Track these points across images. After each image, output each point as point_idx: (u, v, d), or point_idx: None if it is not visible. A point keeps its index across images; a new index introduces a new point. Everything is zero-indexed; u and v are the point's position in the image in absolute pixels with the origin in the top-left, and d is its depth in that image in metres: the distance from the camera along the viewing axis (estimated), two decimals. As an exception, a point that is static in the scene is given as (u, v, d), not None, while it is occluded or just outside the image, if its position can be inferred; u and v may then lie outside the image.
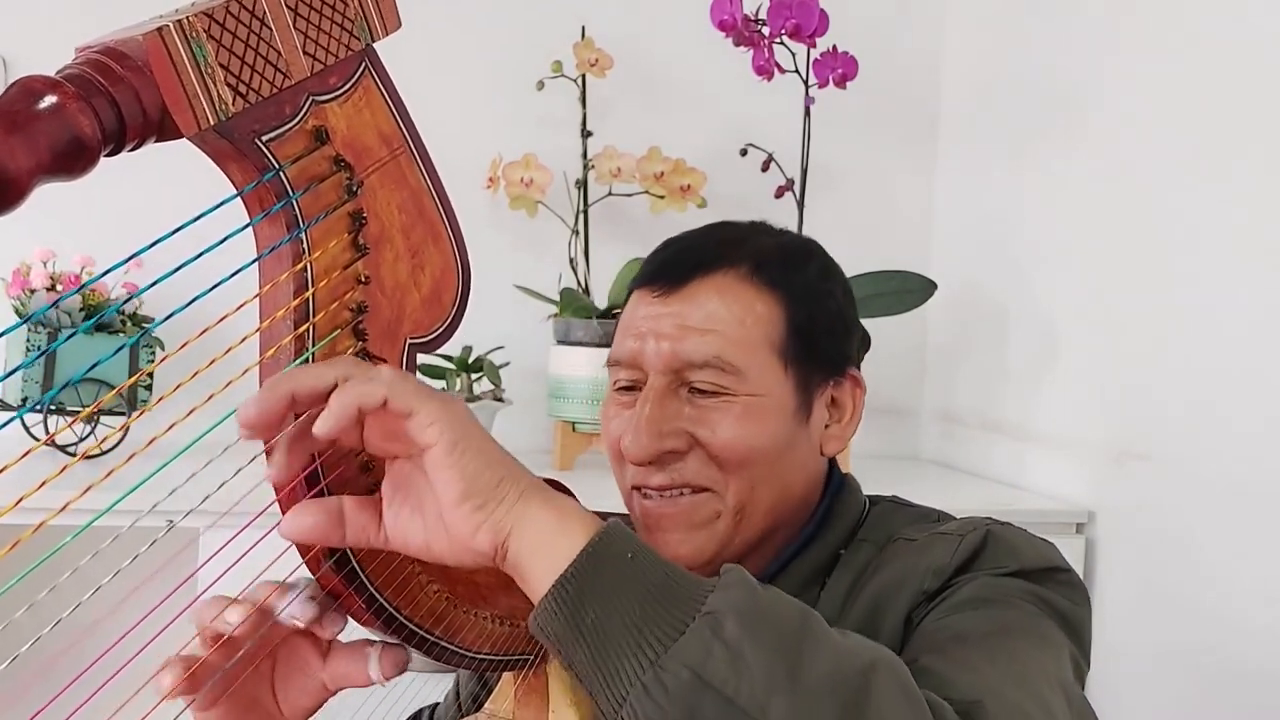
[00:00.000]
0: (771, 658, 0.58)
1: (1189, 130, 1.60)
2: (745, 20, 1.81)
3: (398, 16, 0.67)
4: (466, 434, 0.61)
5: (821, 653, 0.60)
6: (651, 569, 0.61)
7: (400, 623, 0.70)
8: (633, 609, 0.59)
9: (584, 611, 0.60)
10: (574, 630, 0.60)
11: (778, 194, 1.95)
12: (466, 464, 0.61)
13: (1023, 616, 0.80)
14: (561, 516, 0.63)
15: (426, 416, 0.60)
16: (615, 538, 0.62)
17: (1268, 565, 1.42)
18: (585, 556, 0.61)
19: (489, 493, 0.62)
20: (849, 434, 0.97)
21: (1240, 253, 1.50)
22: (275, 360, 0.65)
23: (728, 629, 0.58)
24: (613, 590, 0.60)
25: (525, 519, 0.62)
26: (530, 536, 0.62)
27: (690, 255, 0.93)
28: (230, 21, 0.58)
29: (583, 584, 0.60)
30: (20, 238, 1.85)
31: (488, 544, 0.62)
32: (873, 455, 2.17)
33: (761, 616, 0.60)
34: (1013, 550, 0.86)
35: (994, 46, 2.17)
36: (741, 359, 0.89)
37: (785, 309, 0.91)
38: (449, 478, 0.61)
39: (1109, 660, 1.66)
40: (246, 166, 0.61)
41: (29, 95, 0.51)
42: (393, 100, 0.68)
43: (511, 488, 0.63)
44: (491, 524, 0.61)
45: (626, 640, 0.59)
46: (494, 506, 0.62)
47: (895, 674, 0.61)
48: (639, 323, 0.92)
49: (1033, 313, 1.98)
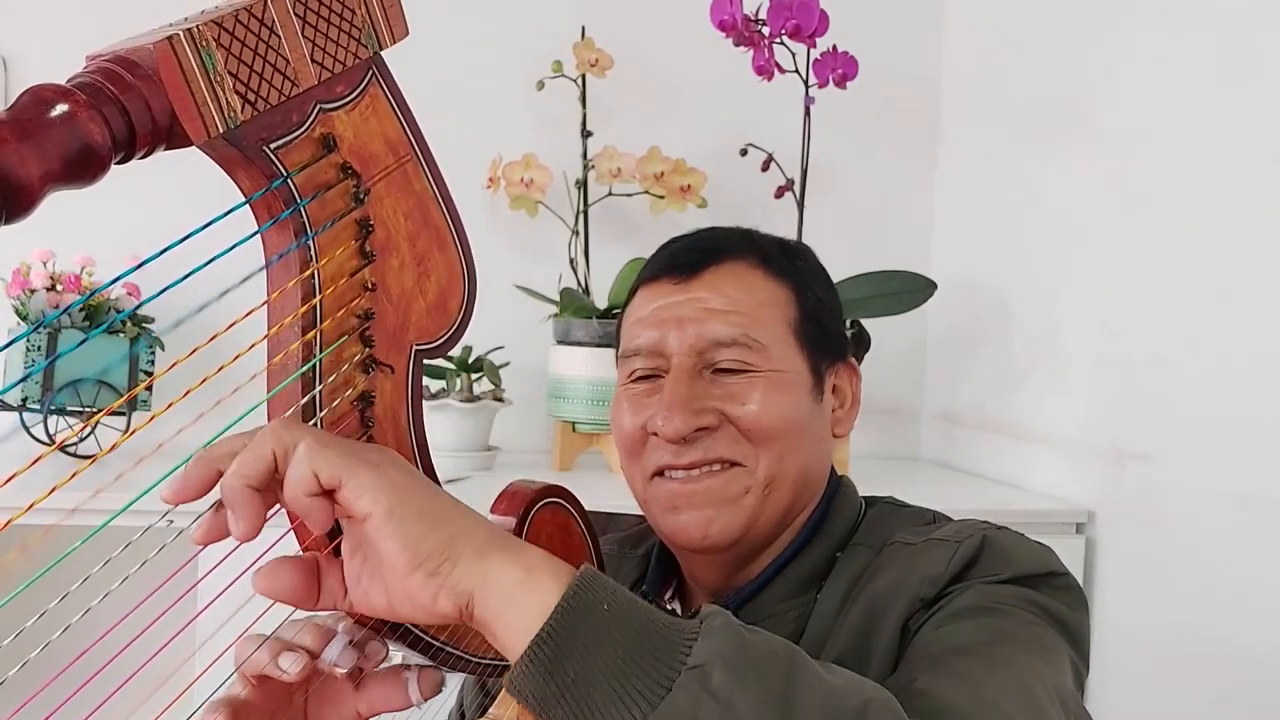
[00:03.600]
0: (761, 706, 0.57)
1: (1189, 131, 1.61)
2: (745, 20, 1.81)
3: (405, 25, 0.67)
4: (402, 498, 0.58)
5: (812, 696, 0.59)
6: (630, 617, 0.59)
7: (404, 629, 0.71)
8: (615, 663, 0.57)
9: (564, 669, 0.57)
10: (555, 689, 0.57)
11: (778, 194, 1.95)
12: (408, 530, 0.58)
13: (1020, 624, 0.80)
14: (527, 570, 0.60)
15: (355, 488, 0.57)
16: (589, 587, 0.59)
17: (1267, 565, 1.43)
18: (561, 613, 0.58)
19: (440, 556, 0.58)
20: (851, 418, 1.00)
21: (1240, 252, 1.50)
22: (283, 366, 0.65)
23: (715, 680, 0.57)
24: (593, 644, 0.57)
25: (487, 578, 0.59)
26: (495, 596, 0.59)
27: (702, 245, 0.96)
28: (239, 30, 0.58)
29: (560, 641, 0.57)
30: (20, 238, 1.85)
31: (450, 607, 0.59)
32: (872, 455, 2.18)
33: (748, 663, 0.58)
34: (1009, 557, 0.85)
35: (994, 46, 2.17)
36: (765, 335, 0.92)
37: (795, 294, 0.95)
38: (393, 548, 0.58)
39: (1109, 660, 1.66)
40: (254, 174, 0.61)
41: (40, 104, 0.51)
42: (400, 108, 0.68)
43: (465, 545, 0.59)
44: (449, 588, 0.58)
45: (611, 698, 0.56)
46: (449, 569, 0.58)
47: (889, 713, 0.61)
48: (657, 312, 0.94)
49: (1033, 313, 1.98)
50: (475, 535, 0.60)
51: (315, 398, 0.65)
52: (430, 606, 0.59)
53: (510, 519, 0.79)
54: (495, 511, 0.81)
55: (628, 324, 0.97)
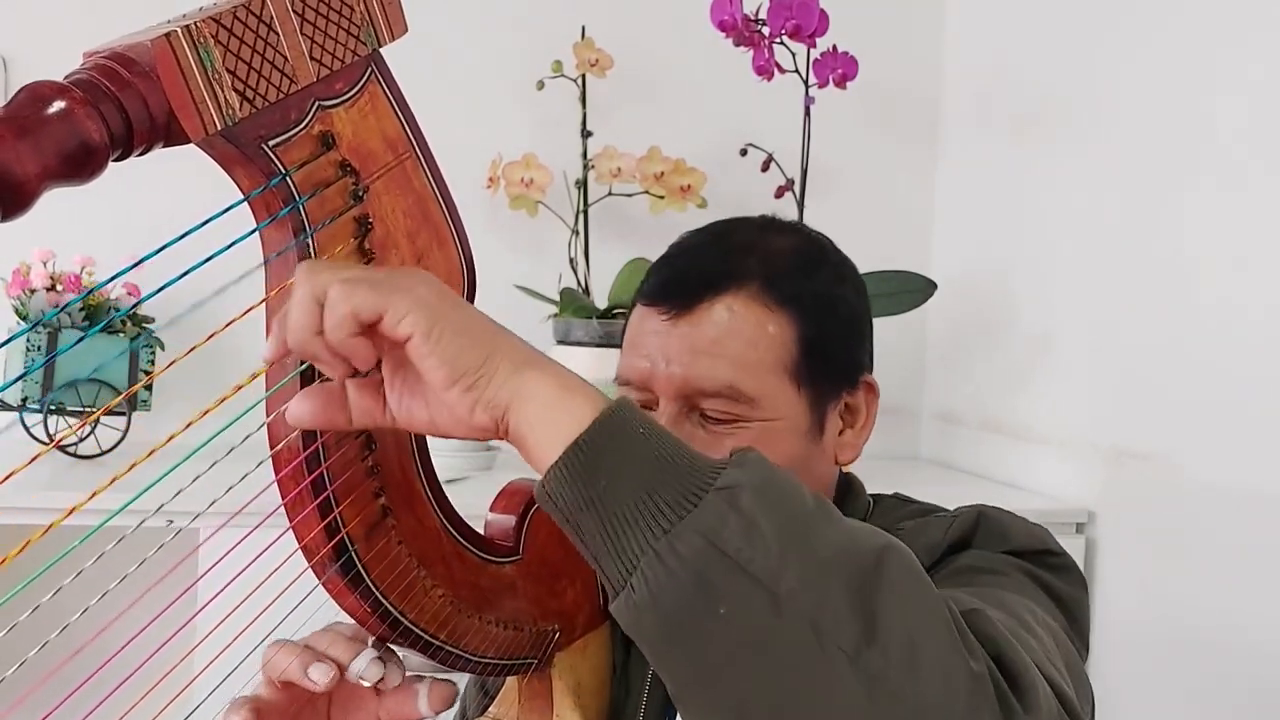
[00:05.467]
0: (786, 531, 0.57)
1: (1189, 130, 1.60)
2: (745, 20, 1.81)
3: (404, 22, 0.67)
4: (439, 318, 0.59)
5: (835, 530, 0.59)
6: (664, 441, 0.60)
7: (405, 627, 0.71)
8: (646, 478, 0.58)
9: (595, 479, 0.58)
10: (584, 498, 0.58)
11: (778, 194, 1.94)
12: (445, 347, 0.59)
13: (1017, 586, 0.79)
14: (563, 387, 0.61)
15: (395, 314, 0.58)
16: (625, 409, 0.60)
17: (1268, 564, 1.43)
18: (597, 426, 0.59)
19: (476, 371, 0.60)
20: (862, 440, 0.96)
21: (1240, 251, 1.50)
22: (280, 365, 0.65)
23: (743, 501, 0.57)
24: (625, 459, 0.58)
25: (523, 392, 0.60)
26: (531, 409, 0.60)
27: (698, 274, 0.91)
28: (237, 27, 0.58)
29: (594, 452, 0.58)
30: (20, 238, 1.85)
31: (486, 421, 0.60)
32: (872, 455, 2.14)
33: (777, 493, 0.59)
34: (1005, 531, 0.86)
35: (994, 46, 2.17)
36: (754, 386, 0.87)
37: (797, 326, 0.89)
38: (431, 365, 0.59)
39: (1110, 659, 1.66)
40: (253, 171, 0.61)
41: (37, 101, 0.51)
42: (399, 105, 0.68)
43: (502, 360, 0.60)
44: (485, 402, 0.60)
45: (639, 508, 0.57)
46: (484, 384, 0.60)
47: (906, 557, 0.61)
48: (647, 340, 0.90)
49: (1033, 312, 1.98)
50: (512, 352, 0.61)
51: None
52: (468, 420, 0.60)
53: (510, 517, 0.79)
54: (495, 510, 0.81)
55: (626, 339, 0.93)
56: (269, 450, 0.66)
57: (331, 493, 0.66)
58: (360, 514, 0.68)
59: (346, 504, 0.67)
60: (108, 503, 0.58)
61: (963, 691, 0.57)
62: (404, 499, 0.70)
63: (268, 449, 0.66)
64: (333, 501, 0.66)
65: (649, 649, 0.59)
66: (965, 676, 0.57)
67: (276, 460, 0.66)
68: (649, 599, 0.57)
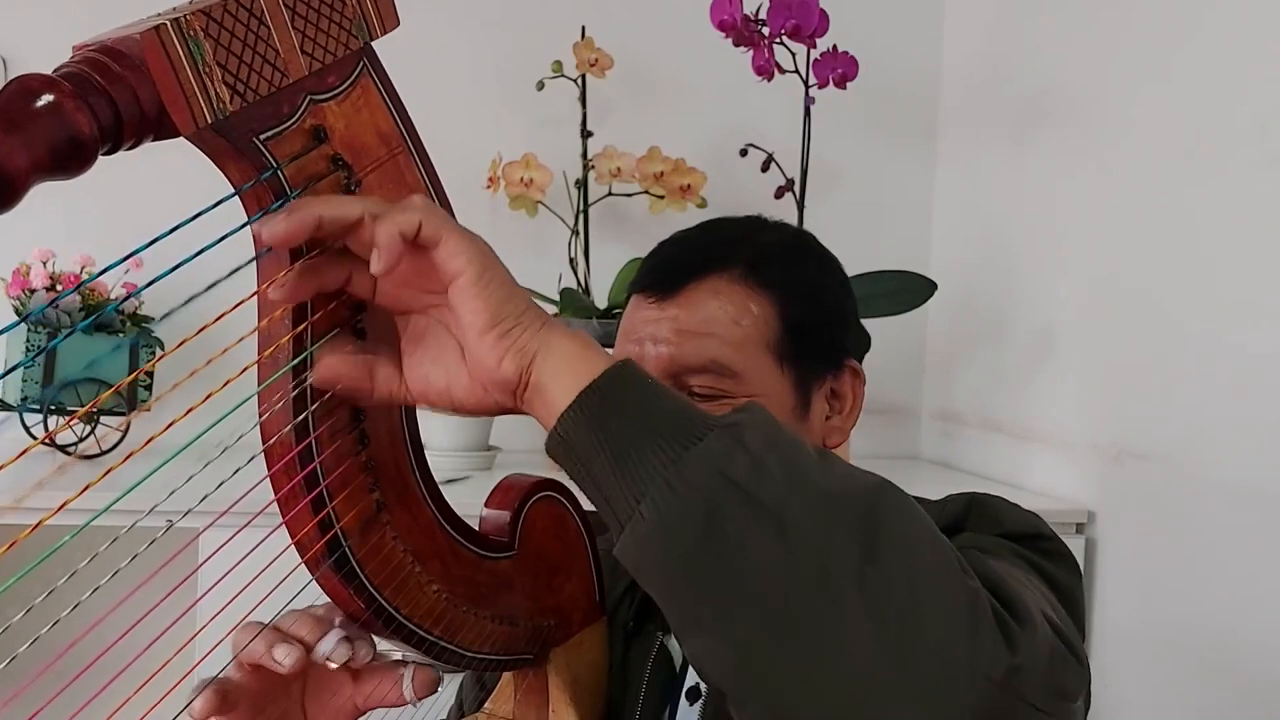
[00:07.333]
0: (789, 464, 0.59)
1: (1188, 130, 1.60)
2: (745, 20, 1.81)
3: (396, 15, 0.67)
4: (492, 264, 0.63)
5: (834, 466, 0.62)
6: (674, 395, 0.63)
7: (400, 623, 0.70)
8: (656, 420, 0.60)
9: (608, 421, 0.60)
10: (597, 437, 0.60)
11: (778, 194, 1.94)
12: (493, 291, 0.62)
13: (1010, 565, 0.79)
14: (584, 344, 0.64)
15: (455, 245, 0.61)
16: (636, 365, 0.63)
17: (1268, 564, 1.42)
18: (610, 374, 0.62)
19: (515, 319, 0.63)
20: (850, 425, 0.98)
21: (1240, 251, 1.50)
22: (273, 359, 0.65)
23: (749, 438, 0.59)
24: (637, 403, 0.61)
25: (550, 344, 0.63)
26: (553, 361, 0.63)
27: (685, 259, 0.94)
28: (228, 20, 0.57)
29: (607, 396, 0.61)
30: (20, 238, 1.85)
31: (513, 369, 0.62)
32: (872, 455, 2.16)
33: (780, 432, 0.61)
34: (998, 515, 0.87)
35: (993, 46, 2.17)
36: (738, 361, 0.90)
37: (780, 308, 0.92)
38: (477, 306, 0.62)
39: (1109, 659, 1.66)
40: (244, 165, 0.61)
41: (26, 94, 0.51)
42: (391, 99, 0.67)
43: (535, 316, 0.64)
44: (517, 349, 0.62)
45: (648, 444, 0.59)
46: (519, 332, 0.63)
47: (901, 492, 0.63)
48: (637, 327, 0.93)
49: (1032, 312, 1.97)
50: (542, 313, 0.65)
51: (306, 391, 0.65)
52: (493, 371, 0.63)
53: (505, 512, 0.79)
54: (490, 505, 0.80)
55: (620, 328, 0.97)
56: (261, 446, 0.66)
57: (325, 488, 0.65)
58: (354, 509, 0.67)
59: (340, 499, 0.66)
60: (106, 501, 0.58)
61: (963, 608, 0.58)
62: (398, 494, 0.70)
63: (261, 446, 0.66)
64: (326, 497, 0.66)
65: (655, 583, 0.60)
66: (964, 591, 0.59)
67: (269, 455, 0.66)
68: (658, 527, 0.58)
